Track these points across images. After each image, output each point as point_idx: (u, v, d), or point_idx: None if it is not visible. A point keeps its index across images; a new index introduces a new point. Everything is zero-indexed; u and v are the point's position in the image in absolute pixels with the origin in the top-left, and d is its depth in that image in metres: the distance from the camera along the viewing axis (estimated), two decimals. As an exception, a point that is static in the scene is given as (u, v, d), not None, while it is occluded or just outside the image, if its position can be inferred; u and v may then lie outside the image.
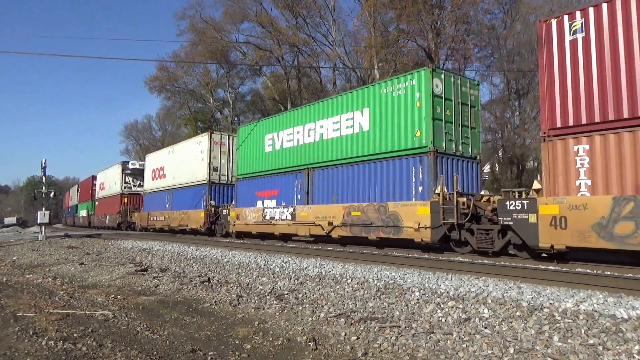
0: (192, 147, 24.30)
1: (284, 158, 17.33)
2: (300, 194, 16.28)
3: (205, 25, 41.55)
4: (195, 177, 23.17)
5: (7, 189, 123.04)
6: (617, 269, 8.26)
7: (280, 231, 16.80)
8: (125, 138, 75.39)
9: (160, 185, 28.03)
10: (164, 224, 26.39)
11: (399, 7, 29.39)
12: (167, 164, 27.47)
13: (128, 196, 35.79)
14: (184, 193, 24.33)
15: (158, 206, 27.83)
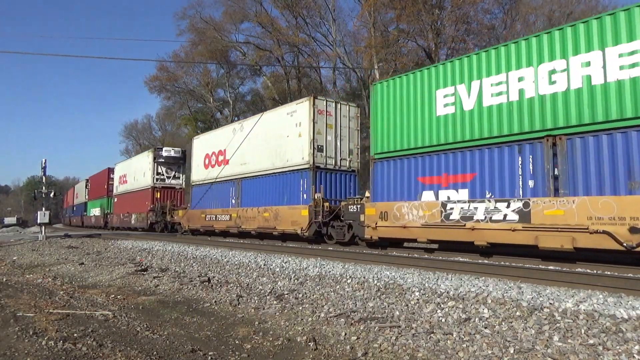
0: (279, 119, 17.67)
1: (488, 122, 10.60)
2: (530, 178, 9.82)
3: (205, 25, 41.61)
4: (287, 160, 16.98)
5: (7, 189, 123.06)
6: (617, 269, 8.27)
7: (490, 240, 10.15)
8: (125, 138, 75.54)
9: (219, 175, 21.28)
10: (229, 226, 19.83)
11: (399, 7, 29.42)
12: (230, 146, 20.73)
13: (161, 190, 29.19)
14: (264, 184, 18.19)
15: (216, 202, 21.39)
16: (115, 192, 36.23)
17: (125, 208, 33.35)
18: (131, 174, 32.96)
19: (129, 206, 32.62)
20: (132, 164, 33.56)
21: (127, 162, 35.91)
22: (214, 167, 22.00)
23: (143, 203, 29.58)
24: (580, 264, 8.97)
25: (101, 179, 40.58)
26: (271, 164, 17.83)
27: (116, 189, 36.12)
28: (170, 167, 29.82)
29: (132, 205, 31.87)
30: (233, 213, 19.77)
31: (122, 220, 33.53)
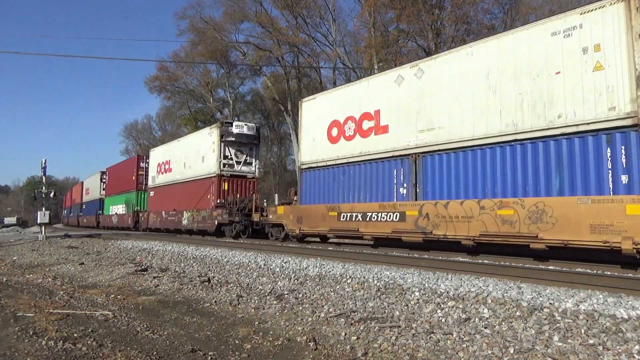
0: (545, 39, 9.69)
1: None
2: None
3: (205, 25, 41.56)
4: (556, 116, 9.27)
5: (7, 189, 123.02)
6: (617, 269, 8.27)
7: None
8: (125, 138, 75.56)
9: (366, 150, 13.80)
10: (399, 230, 12.16)
11: (399, 7, 29.42)
12: (391, 104, 13.19)
13: (229, 180, 21.47)
14: (491, 159, 10.53)
15: (357, 191, 14.11)
16: (152, 184, 28.21)
17: (168, 204, 25.26)
18: (179, 160, 24.91)
19: (175, 202, 24.49)
20: (182, 146, 25.27)
21: (172, 144, 27.22)
22: (352, 138, 14.40)
23: (203, 197, 21.69)
24: (581, 264, 8.97)
25: (126, 169, 33.13)
26: (524, 123, 9.78)
27: (153, 180, 28.08)
28: (241, 149, 22.02)
29: (182, 201, 23.79)
30: (410, 210, 11.94)
31: (163, 220, 25.65)
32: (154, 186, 28.09)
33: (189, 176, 23.61)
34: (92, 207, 43.38)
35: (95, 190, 41.92)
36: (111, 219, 35.51)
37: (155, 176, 28.08)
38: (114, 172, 37.16)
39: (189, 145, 24.34)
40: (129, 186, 32.00)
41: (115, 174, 36.63)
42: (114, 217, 34.88)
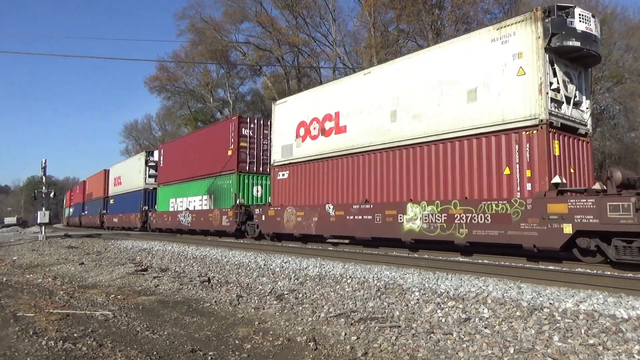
0: None
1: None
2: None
3: (205, 25, 41.59)
4: None
5: (7, 189, 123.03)
6: (617, 269, 8.26)
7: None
8: (125, 138, 75.50)
9: None
10: None
11: (399, 7, 29.42)
12: None
13: (561, 136, 9.76)
14: None
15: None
16: (289, 159, 16.35)
17: (344, 190, 13.98)
18: (383, 105, 12.83)
19: (377, 185, 12.88)
20: (400, 76, 12.50)
21: (347, 81, 14.61)
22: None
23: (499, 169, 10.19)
24: (581, 264, 8.96)
25: (211, 141, 21.72)
26: None
27: (288, 151, 16.41)
28: (571, 72, 10.43)
29: (405, 180, 12.05)
30: None
31: (341, 222, 13.47)
32: (297, 161, 15.91)
33: (434, 132, 11.25)
34: (126, 201, 31.98)
35: (137, 177, 30.71)
36: (177, 219, 23.85)
37: (295, 145, 16.00)
38: (179, 148, 25.47)
39: (428, 71, 11.65)
40: (217, 167, 20.65)
41: (181, 152, 25.01)
42: (184, 216, 23.28)
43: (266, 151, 20.14)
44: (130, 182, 32.22)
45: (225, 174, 20.19)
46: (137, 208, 30.14)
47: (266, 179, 20.09)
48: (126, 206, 32.34)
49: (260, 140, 20.44)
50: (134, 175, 31.38)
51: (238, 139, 19.77)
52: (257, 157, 20.29)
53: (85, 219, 46.25)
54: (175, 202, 25.10)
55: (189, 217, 23.01)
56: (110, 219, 36.31)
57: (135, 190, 30.99)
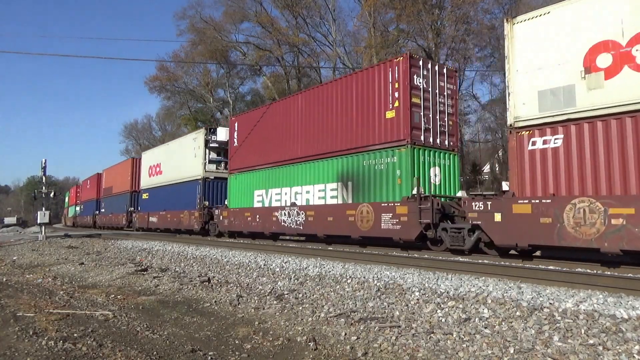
0: None
1: None
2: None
3: (205, 25, 41.58)
4: None
5: (7, 189, 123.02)
6: (617, 269, 8.26)
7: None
8: (125, 138, 75.55)
9: None
10: None
11: (399, 7, 29.41)
12: None
13: None
14: None
15: None
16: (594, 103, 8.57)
17: None
18: None
19: None
20: None
21: None
22: None
23: None
24: (580, 264, 8.97)
25: (364, 94, 13.76)
26: None
27: None
28: None
29: None
30: None
31: None
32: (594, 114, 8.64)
33: None
34: (172, 196, 24.72)
35: (184, 164, 23.66)
36: (274, 218, 16.76)
37: (585, 84, 8.73)
38: (271, 119, 17.94)
39: None
40: (359, 138, 13.81)
41: (276, 123, 17.61)
42: (289, 214, 16.11)
43: (444, 114, 13.26)
44: (177, 170, 24.53)
45: (382, 148, 13.02)
46: (191, 204, 22.40)
47: (447, 157, 13.28)
48: (172, 202, 24.69)
49: (435, 96, 13.09)
50: (186, 161, 23.55)
51: (410, 91, 12.46)
52: (432, 122, 12.95)
53: (102, 219, 38.91)
54: (267, 195, 17.48)
55: (299, 215, 15.50)
56: (143, 219, 28.53)
57: (188, 181, 23.01)
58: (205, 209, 21.41)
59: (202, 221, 21.45)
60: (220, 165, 22.80)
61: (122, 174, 34.60)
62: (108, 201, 38.18)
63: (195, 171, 22.71)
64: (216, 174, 22.59)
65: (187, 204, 23.07)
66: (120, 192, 34.69)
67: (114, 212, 35.52)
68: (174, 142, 27.24)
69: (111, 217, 36.26)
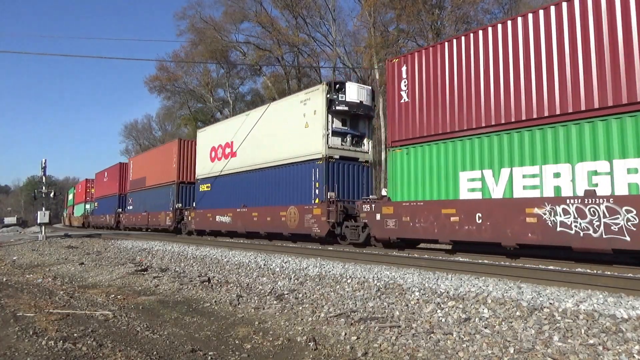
0: None
1: None
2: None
3: (205, 25, 41.62)
4: None
5: (7, 189, 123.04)
6: (617, 269, 8.26)
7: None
8: (125, 138, 75.62)
9: None
10: None
11: (399, 7, 29.44)
12: None
13: None
14: None
15: None
16: None
17: None
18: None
19: None
20: None
21: None
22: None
23: None
24: (580, 264, 8.97)
25: None
26: None
27: None
28: None
29: None
30: None
31: None
32: None
33: None
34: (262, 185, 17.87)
35: (289, 140, 16.48)
36: (531, 221, 9.16)
37: None
38: None
39: None
40: None
41: None
42: None
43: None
44: (270, 149, 17.21)
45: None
46: (304, 196, 15.56)
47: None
48: (258, 194, 17.91)
49: None
50: (289, 135, 16.29)
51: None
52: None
53: (129, 218, 31.41)
54: (506, 179, 9.93)
55: None
56: (203, 218, 21.20)
57: (296, 163, 16.01)
58: (334, 203, 14.13)
59: (331, 222, 14.09)
60: (345, 140, 15.31)
61: (162, 162, 26.72)
62: (139, 196, 30.08)
63: (309, 148, 15.16)
64: (342, 152, 15.14)
65: (294, 196, 15.92)
66: (158, 184, 27.00)
67: (150, 209, 27.80)
68: (259, 111, 18.47)
69: (144, 216, 28.40)
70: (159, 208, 26.64)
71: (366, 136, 16.16)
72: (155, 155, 29.01)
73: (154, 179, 27.83)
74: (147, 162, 30.03)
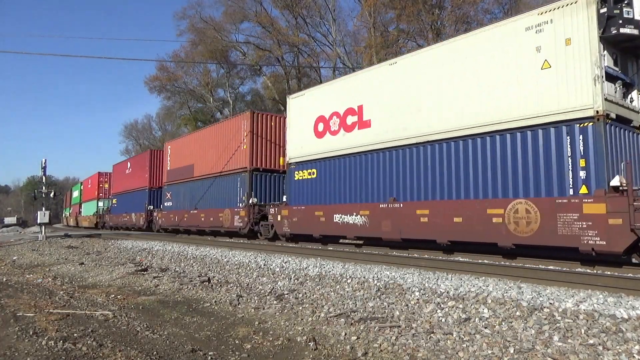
0: None
1: None
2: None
3: (205, 25, 41.60)
4: None
5: (7, 189, 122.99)
6: (617, 269, 8.26)
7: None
8: (125, 138, 75.57)
9: None
10: None
11: (399, 7, 29.44)
12: None
13: None
14: None
15: None
16: None
17: None
18: None
19: None
20: None
21: None
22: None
23: None
24: (581, 264, 8.98)
25: None
26: None
27: None
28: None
29: None
30: None
31: None
32: None
33: None
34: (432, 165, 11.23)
35: (495, 89, 9.96)
36: None
37: None
38: None
39: None
40: None
41: None
42: None
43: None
44: (450, 111, 10.87)
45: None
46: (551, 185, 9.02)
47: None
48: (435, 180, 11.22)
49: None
50: (503, 86, 9.91)
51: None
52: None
53: (168, 217, 25.10)
54: None
55: None
56: (310, 218, 14.71)
57: (534, 127, 9.33)
58: None
59: None
60: (616, 90, 9.21)
61: (223, 143, 20.77)
62: (183, 189, 24.05)
63: (554, 101, 9.05)
64: (618, 109, 9.07)
65: None
66: (217, 173, 20.82)
67: (204, 206, 21.73)
68: (421, 54, 12.09)
69: (194, 214, 22.28)
70: (220, 204, 20.16)
71: (635, 86, 9.91)
72: (210, 136, 22.26)
73: (209, 167, 21.55)
74: (196, 145, 23.09)
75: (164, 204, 26.15)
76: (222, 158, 20.58)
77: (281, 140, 18.45)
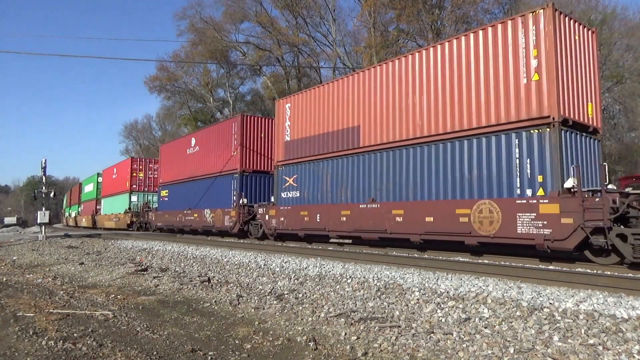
0: None
1: None
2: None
3: (205, 25, 41.57)
4: None
5: (7, 189, 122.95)
6: (617, 269, 8.26)
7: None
8: (125, 138, 75.41)
9: None
10: None
11: (399, 7, 29.42)
12: None
13: None
14: None
15: None
16: None
17: None
18: None
19: None
20: None
21: None
22: None
23: None
24: (580, 264, 8.98)
25: None
26: None
27: None
28: None
29: None
30: None
31: None
32: None
33: None
34: None
35: None
36: None
37: None
38: None
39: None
40: None
41: None
42: None
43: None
44: None
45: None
46: None
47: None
48: None
49: None
50: None
51: None
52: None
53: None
54: None
55: None
56: None
57: None
58: None
59: None
60: None
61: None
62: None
63: None
64: None
65: None
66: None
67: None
68: None
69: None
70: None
71: None
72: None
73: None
74: (318, 106, 15.21)
75: (283, 193, 18.17)
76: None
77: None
